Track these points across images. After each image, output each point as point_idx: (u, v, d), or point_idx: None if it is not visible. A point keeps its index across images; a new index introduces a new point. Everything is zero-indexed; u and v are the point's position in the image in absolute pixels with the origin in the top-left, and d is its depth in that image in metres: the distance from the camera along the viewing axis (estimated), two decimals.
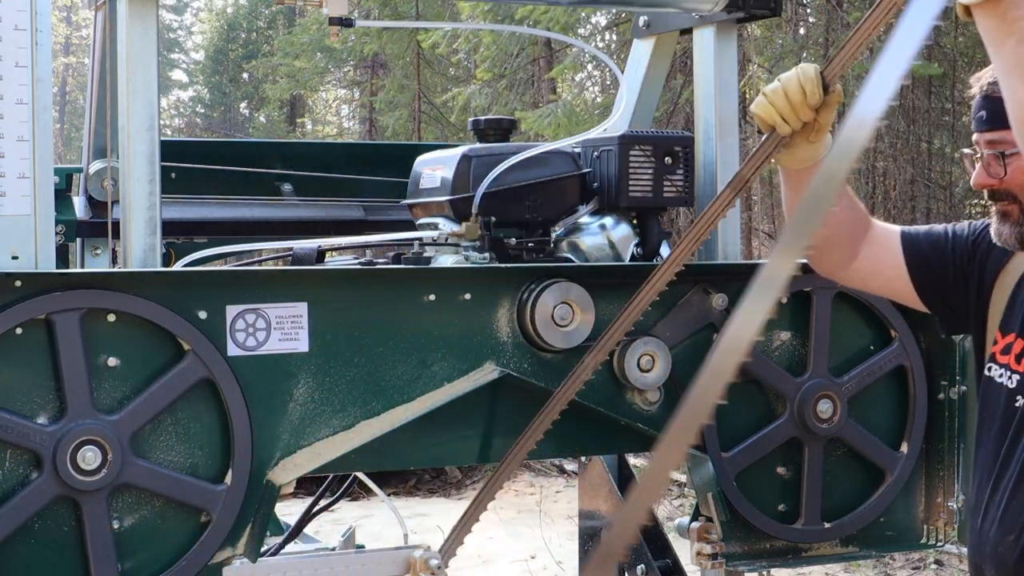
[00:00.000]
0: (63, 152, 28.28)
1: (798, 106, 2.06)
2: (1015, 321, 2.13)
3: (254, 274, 2.44)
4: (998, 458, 2.11)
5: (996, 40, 1.79)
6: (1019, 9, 1.75)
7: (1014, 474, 2.06)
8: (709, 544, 2.66)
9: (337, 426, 2.34)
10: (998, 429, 2.12)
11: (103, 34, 2.61)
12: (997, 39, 1.79)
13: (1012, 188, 2.04)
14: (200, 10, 35.96)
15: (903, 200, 12.77)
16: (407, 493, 10.18)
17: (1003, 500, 2.07)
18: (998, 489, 2.10)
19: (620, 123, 2.93)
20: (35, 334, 2.13)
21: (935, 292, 2.28)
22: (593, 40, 14.11)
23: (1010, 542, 2.05)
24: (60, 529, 2.16)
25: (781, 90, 2.08)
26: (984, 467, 2.15)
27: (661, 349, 2.54)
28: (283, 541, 3.03)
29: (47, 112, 2.17)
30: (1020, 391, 2.08)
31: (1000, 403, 2.12)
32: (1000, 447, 2.11)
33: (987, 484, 2.13)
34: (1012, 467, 2.07)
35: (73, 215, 3.04)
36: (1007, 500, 2.07)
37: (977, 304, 2.22)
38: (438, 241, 2.66)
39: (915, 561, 7.26)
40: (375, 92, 18.85)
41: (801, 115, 2.07)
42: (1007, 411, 2.10)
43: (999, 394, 2.12)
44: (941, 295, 2.28)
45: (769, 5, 2.76)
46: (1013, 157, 2.02)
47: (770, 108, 2.09)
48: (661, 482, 2.04)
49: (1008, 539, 2.05)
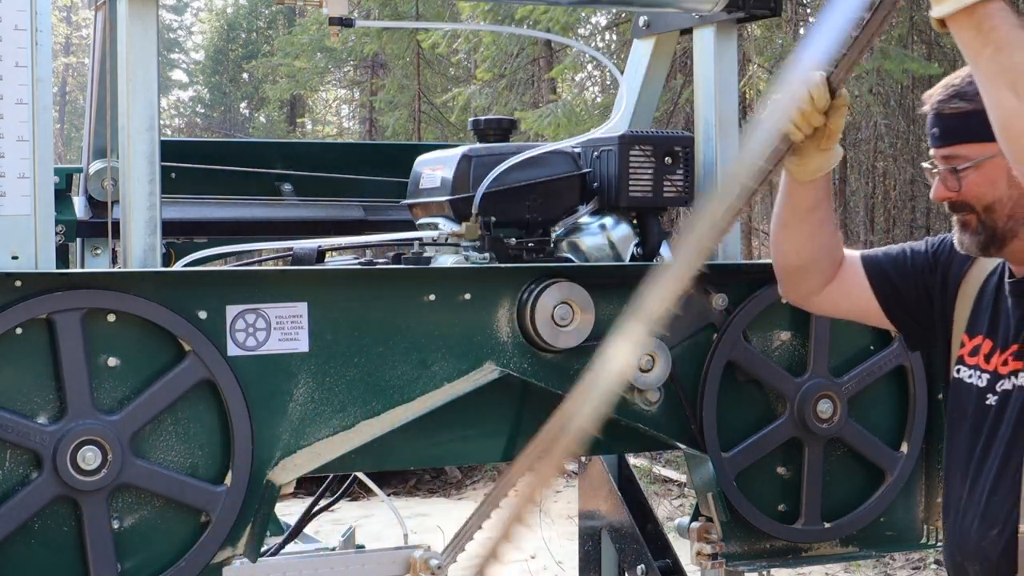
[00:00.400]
0: (63, 152, 28.26)
1: (808, 113, 2.09)
2: (982, 323, 2.20)
3: (254, 274, 2.44)
4: (973, 456, 2.16)
5: (973, 50, 1.80)
6: (993, 19, 1.76)
7: (992, 470, 2.10)
8: (709, 544, 2.66)
9: (337, 426, 2.34)
10: (970, 428, 2.17)
11: (103, 34, 2.61)
12: (974, 49, 1.80)
13: (968, 199, 2.11)
14: (200, 10, 35.97)
15: (903, 200, 12.77)
16: (407, 493, 10.18)
17: (983, 496, 2.12)
18: (976, 486, 2.14)
19: (620, 123, 2.93)
20: (35, 334, 2.13)
21: (900, 309, 2.35)
22: (593, 40, 14.11)
23: (993, 536, 2.09)
24: (60, 529, 2.16)
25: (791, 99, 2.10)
26: (958, 466, 2.20)
27: (661, 349, 2.54)
28: (283, 541, 3.03)
29: (47, 112, 2.17)
30: (991, 389, 2.14)
31: (971, 402, 2.17)
32: (975, 445, 2.15)
33: (963, 483, 2.17)
34: (989, 464, 2.11)
35: (73, 215, 3.04)
36: (987, 496, 2.11)
37: (941, 312, 2.29)
38: (438, 241, 2.66)
39: (915, 561, 7.26)
40: (375, 92, 18.85)
41: (811, 121, 2.10)
42: (979, 409, 2.16)
43: (969, 394, 2.18)
44: (905, 311, 2.34)
45: (769, 5, 2.76)
46: (967, 171, 2.09)
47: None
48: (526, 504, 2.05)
49: (991, 533, 2.09)
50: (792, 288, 2.41)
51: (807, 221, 2.28)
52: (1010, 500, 2.06)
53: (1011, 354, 2.12)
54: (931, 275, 2.30)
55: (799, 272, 2.36)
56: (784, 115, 2.07)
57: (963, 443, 2.19)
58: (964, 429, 2.20)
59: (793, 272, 2.37)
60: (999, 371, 2.14)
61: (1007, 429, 2.09)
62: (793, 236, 2.30)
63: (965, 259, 2.26)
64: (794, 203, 2.26)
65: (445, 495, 10.38)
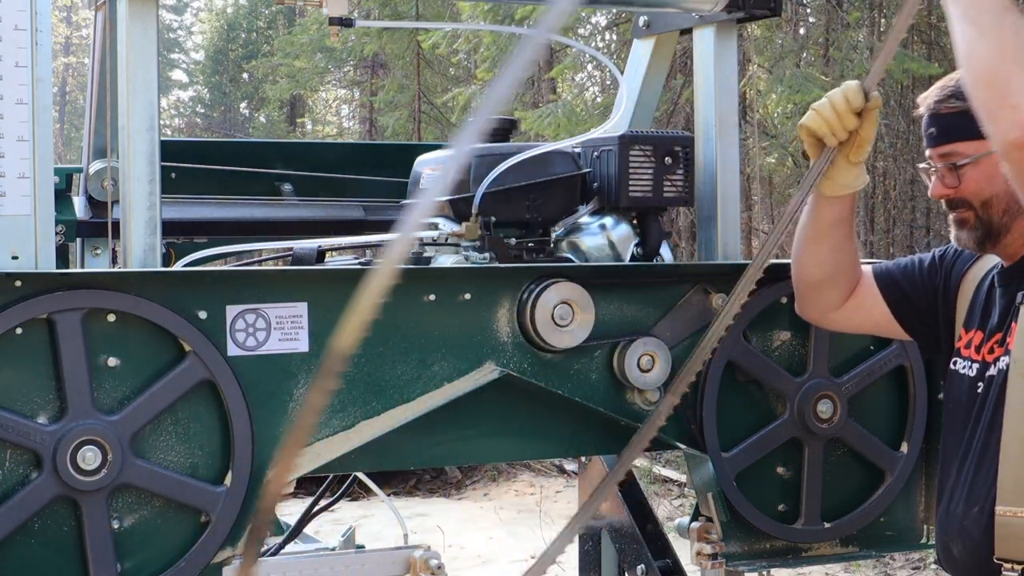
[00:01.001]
0: (63, 152, 28.26)
1: (843, 114, 2.21)
2: (976, 317, 2.28)
3: (254, 274, 2.44)
4: (963, 443, 2.23)
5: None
6: None
7: (975, 452, 2.18)
8: (709, 544, 2.66)
9: (337, 426, 2.33)
10: (963, 416, 2.25)
11: (103, 34, 2.61)
12: None
13: (966, 196, 2.21)
14: (200, 10, 35.97)
15: (903, 200, 12.77)
16: (407, 493, 10.19)
17: (968, 477, 2.19)
18: (963, 469, 2.21)
19: (620, 123, 2.93)
20: (35, 334, 2.13)
21: (912, 317, 2.43)
22: (593, 40, 14.11)
23: (975, 514, 2.15)
24: (60, 529, 2.16)
25: (827, 102, 2.24)
26: (952, 455, 2.27)
27: (661, 349, 2.54)
28: (283, 541, 3.03)
29: (47, 112, 2.17)
30: (980, 378, 2.22)
31: (964, 392, 2.26)
32: (964, 432, 2.23)
33: (953, 469, 2.25)
34: (974, 446, 2.19)
35: (73, 215, 3.04)
36: (971, 477, 2.18)
37: (945, 313, 2.37)
38: (438, 241, 2.66)
39: (915, 561, 7.26)
40: (375, 92, 18.84)
41: (846, 123, 2.22)
42: (970, 398, 2.24)
43: (962, 384, 2.27)
44: (918, 318, 2.43)
45: (769, 5, 2.76)
46: (965, 167, 2.18)
47: (819, 119, 2.23)
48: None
49: (973, 511, 2.16)
50: (811, 304, 2.50)
51: (830, 236, 2.38)
52: (990, 478, 2.13)
53: (995, 341, 2.20)
54: (937, 276, 2.39)
55: (818, 288, 2.45)
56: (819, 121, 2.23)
57: (956, 433, 2.27)
58: (959, 418, 2.27)
59: (813, 287, 2.46)
60: (986, 359, 2.22)
61: (988, 411, 2.17)
62: (815, 251, 2.40)
63: (966, 261, 2.35)
64: (819, 217, 2.37)
65: (445, 495, 10.39)
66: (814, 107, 2.26)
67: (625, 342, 2.51)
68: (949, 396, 2.34)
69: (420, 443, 2.47)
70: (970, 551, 2.16)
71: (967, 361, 2.27)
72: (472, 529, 8.78)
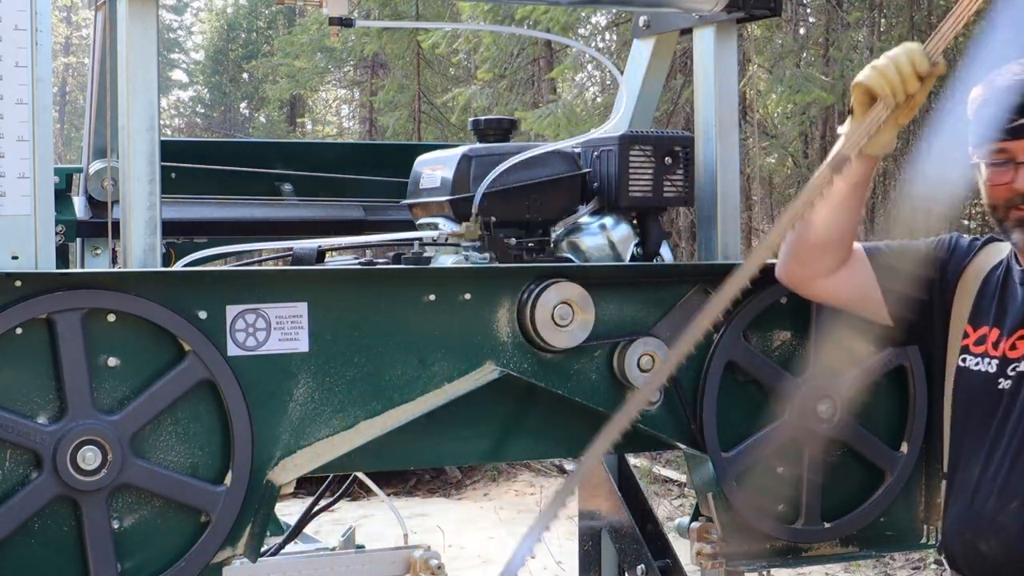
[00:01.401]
0: (63, 152, 28.26)
1: (908, 76, 2.15)
2: (987, 313, 2.26)
3: (254, 274, 2.44)
4: (986, 439, 2.21)
5: None
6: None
7: (1010, 448, 2.16)
8: (709, 544, 2.66)
9: (337, 426, 2.33)
10: (982, 413, 2.23)
11: (103, 34, 2.61)
12: None
13: None
14: (200, 10, 35.98)
15: (903, 200, 12.76)
16: (407, 493, 10.19)
17: (1000, 474, 2.17)
18: (990, 465, 2.19)
19: (620, 123, 2.93)
20: (35, 334, 2.13)
21: (898, 299, 2.39)
22: (593, 40, 14.11)
23: (1012, 509, 2.14)
24: (60, 529, 2.16)
25: (891, 63, 2.16)
26: (969, 452, 2.25)
27: (661, 349, 2.54)
28: (283, 541, 3.03)
29: (47, 112, 2.17)
30: (1002, 374, 2.20)
31: (981, 389, 2.23)
32: (988, 429, 2.21)
33: (976, 466, 2.22)
34: (1005, 442, 2.17)
35: (73, 215, 3.04)
36: (1006, 473, 2.16)
37: (941, 306, 2.35)
38: (438, 241, 2.66)
39: (915, 561, 7.27)
40: (375, 92, 18.85)
41: (908, 86, 2.16)
42: (990, 395, 2.21)
43: (979, 381, 2.24)
44: (903, 302, 2.39)
45: (769, 5, 2.76)
46: None
47: (881, 80, 2.16)
48: None
49: (1011, 506, 2.14)
50: (803, 265, 2.43)
51: (849, 198, 2.32)
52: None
53: (1018, 337, 2.19)
54: (930, 269, 2.36)
55: (818, 250, 2.39)
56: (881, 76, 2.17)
57: (975, 429, 2.24)
58: (976, 415, 2.24)
59: (813, 248, 2.39)
60: (1008, 355, 2.20)
61: (1020, 406, 2.15)
62: (828, 210, 2.32)
63: (963, 255, 2.34)
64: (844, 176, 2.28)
65: (445, 495, 10.39)
66: (875, 66, 2.18)
67: (625, 342, 2.51)
68: (961, 394, 2.31)
69: (420, 443, 2.47)
70: (1005, 546, 2.14)
71: (981, 358, 2.24)
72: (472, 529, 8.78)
